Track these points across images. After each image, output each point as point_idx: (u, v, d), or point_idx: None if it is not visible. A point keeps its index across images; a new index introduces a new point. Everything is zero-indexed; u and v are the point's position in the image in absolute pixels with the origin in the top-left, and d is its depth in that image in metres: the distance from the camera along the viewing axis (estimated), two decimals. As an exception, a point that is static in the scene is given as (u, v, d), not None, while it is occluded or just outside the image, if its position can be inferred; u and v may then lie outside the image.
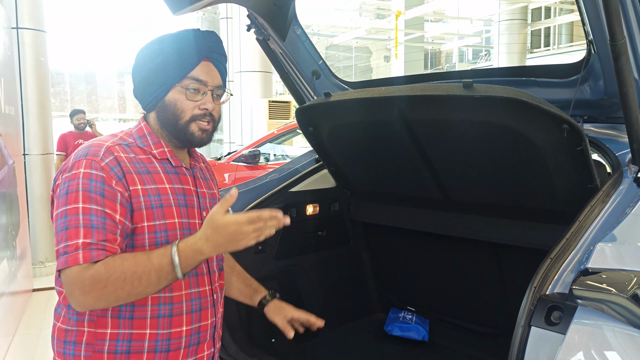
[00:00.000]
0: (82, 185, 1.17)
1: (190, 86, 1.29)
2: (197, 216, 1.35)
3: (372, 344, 2.57)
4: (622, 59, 1.35)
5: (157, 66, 1.28)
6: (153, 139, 1.33)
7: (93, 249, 1.14)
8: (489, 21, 18.75)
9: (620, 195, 1.51)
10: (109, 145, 1.25)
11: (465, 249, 2.42)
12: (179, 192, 1.32)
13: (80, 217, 1.15)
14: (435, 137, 1.97)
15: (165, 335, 1.27)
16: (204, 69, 1.31)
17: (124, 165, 1.24)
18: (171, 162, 1.34)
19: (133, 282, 1.14)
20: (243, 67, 10.14)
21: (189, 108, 1.29)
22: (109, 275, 1.13)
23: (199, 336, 1.35)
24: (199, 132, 1.31)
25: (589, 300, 1.18)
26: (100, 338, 1.24)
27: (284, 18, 2.27)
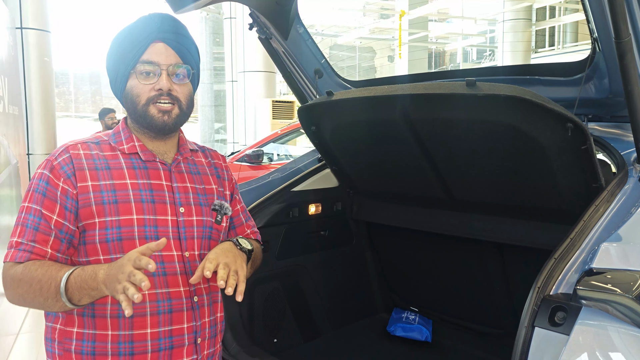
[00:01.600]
0: (33, 185, 1.24)
1: (142, 69, 1.27)
2: (171, 212, 1.29)
3: (375, 344, 2.56)
4: (628, 56, 1.34)
5: (113, 59, 1.30)
6: (125, 134, 1.34)
7: (20, 250, 1.19)
8: (493, 21, 18.70)
9: (625, 195, 1.50)
10: (70, 144, 1.29)
11: (468, 248, 2.41)
12: (144, 188, 1.27)
13: (22, 216, 1.22)
14: (438, 135, 1.96)
15: (127, 337, 1.22)
16: (155, 50, 1.28)
17: (77, 163, 1.25)
18: (141, 157, 1.31)
19: (35, 291, 1.15)
20: (247, 67, 10.15)
21: (144, 91, 1.28)
22: (21, 278, 1.16)
23: (172, 340, 1.25)
24: (159, 114, 1.27)
25: (593, 301, 1.17)
26: (68, 337, 1.24)
27: (286, 17, 2.27)
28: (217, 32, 13.25)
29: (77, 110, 23.19)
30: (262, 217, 2.29)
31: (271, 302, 2.39)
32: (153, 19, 1.30)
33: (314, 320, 2.57)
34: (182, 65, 1.30)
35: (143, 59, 1.27)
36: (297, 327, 2.49)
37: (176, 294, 1.27)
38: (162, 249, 1.21)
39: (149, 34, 1.28)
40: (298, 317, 2.50)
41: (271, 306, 2.39)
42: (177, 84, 1.29)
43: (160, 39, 1.29)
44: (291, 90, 2.52)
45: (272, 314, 2.39)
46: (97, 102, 22.94)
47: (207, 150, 1.50)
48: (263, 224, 2.29)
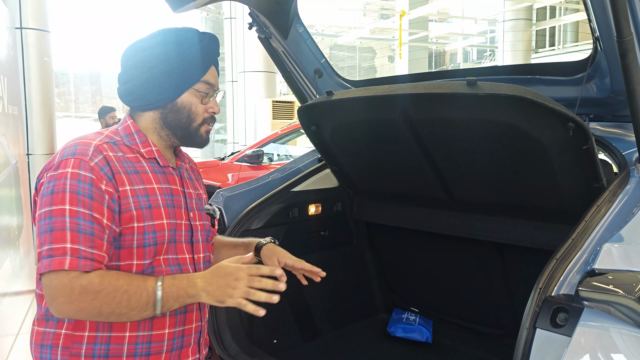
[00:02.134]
0: (69, 186, 1.13)
1: (203, 90, 1.30)
2: (185, 217, 1.32)
3: (375, 345, 2.55)
4: (629, 55, 1.33)
5: (174, 67, 1.27)
6: (140, 138, 1.30)
7: (81, 258, 1.10)
8: (494, 21, 18.69)
9: (627, 195, 1.49)
10: (97, 144, 1.21)
11: (469, 248, 2.40)
12: (167, 192, 1.29)
13: (67, 220, 1.11)
14: (438, 135, 1.95)
15: (145, 337, 1.23)
16: (213, 72, 1.33)
17: (113, 165, 1.20)
18: (159, 162, 1.31)
19: (119, 302, 1.12)
20: (247, 68, 10.15)
21: (201, 112, 1.31)
22: (101, 289, 1.10)
23: (183, 340, 1.30)
24: (206, 135, 1.35)
25: (595, 302, 1.16)
26: (77, 341, 1.19)
27: (285, 16, 2.26)
28: (217, 32, 13.24)
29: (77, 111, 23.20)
30: (262, 217, 2.28)
31: (271, 303, 2.38)
32: (214, 41, 1.34)
33: (314, 320, 2.56)
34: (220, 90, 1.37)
35: (205, 79, 1.30)
36: (297, 327, 2.49)
37: None
38: (178, 252, 1.28)
39: (213, 56, 1.32)
40: (298, 318, 2.49)
41: (271, 306, 2.38)
42: None
43: (214, 63, 1.34)
44: (291, 90, 2.52)
45: (272, 315, 2.38)
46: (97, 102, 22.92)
47: (186, 154, 1.50)
48: (263, 224, 2.28)
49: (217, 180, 6.76)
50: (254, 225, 2.25)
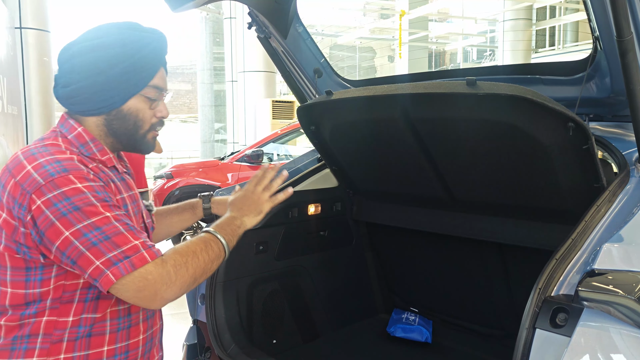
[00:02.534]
0: (94, 198, 1.10)
1: (152, 95, 1.24)
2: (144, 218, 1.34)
3: (375, 345, 2.55)
4: (629, 55, 1.32)
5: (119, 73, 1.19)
6: (97, 146, 1.23)
7: (151, 247, 1.12)
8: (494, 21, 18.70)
9: (627, 195, 1.49)
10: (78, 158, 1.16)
11: (469, 249, 2.40)
12: (131, 200, 1.28)
13: (116, 224, 1.09)
14: (438, 135, 1.94)
15: (123, 348, 1.22)
16: (162, 74, 1.26)
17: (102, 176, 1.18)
18: (117, 169, 1.28)
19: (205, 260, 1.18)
20: (247, 67, 10.15)
21: (148, 118, 1.25)
22: (185, 260, 1.14)
23: (151, 342, 1.32)
24: (153, 141, 1.30)
25: (595, 302, 1.16)
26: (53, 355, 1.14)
27: (285, 16, 2.25)
28: (217, 32, 13.25)
29: (77, 110, 23.14)
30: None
31: (270, 303, 2.38)
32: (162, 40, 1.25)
33: (314, 321, 2.56)
34: None
35: (154, 83, 1.24)
36: (297, 328, 2.48)
37: None
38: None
39: (162, 57, 1.25)
40: (297, 318, 2.49)
41: (270, 307, 2.38)
42: None
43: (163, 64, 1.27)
44: (290, 89, 2.51)
45: (271, 315, 2.38)
46: (97, 102, 22.79)
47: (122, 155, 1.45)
48: (262, 224, 2.26)
49: (217, 180, 6.77)
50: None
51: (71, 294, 1.15)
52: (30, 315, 1.14)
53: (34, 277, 1.14)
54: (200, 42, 13.60)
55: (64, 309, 1.15)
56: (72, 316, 1.15)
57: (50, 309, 1.14)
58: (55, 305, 1.15)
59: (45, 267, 1.13)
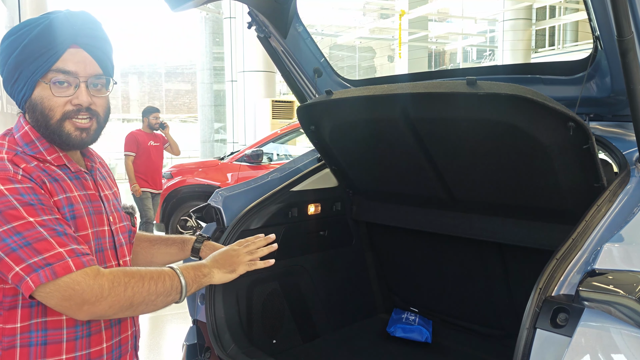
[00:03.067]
0: (16, 201, 1.03)
1: (56, 79, 1.12)
2: (105, 222, 1.25)
3: (375, 345, 2.55)
4: (630, 55, 1.32)
5: (16, 60, 1.11)
6: (43, 145, 1.16)
7: (80, 255, 1.05)
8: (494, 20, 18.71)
9: (627, 195, 1.48)
10: (10, 158, 1.10)
11: (469, 249, 2.39)
12: (85, 199, 1.19)
13: (40, 229, 1.03)
14: (438, 135, 1.94)
15: (84, 356, 1.16)
16: (72, 57, 1.12)
17: (36, 177, 1.10)
18: (69, 168, 1.20)
19: (150, 288, 1.11)
20: (246, 67, 10.15)
21: (58, 105, 1.13)
22: (129, 279, 1.08)
23: (120, 350, 1.25)
24: (76, 132, 1.15)
25: (595, 302, 1.16)
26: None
27: (285, 15, 2.25)
28: (217, 32, 13.24)
29: (76, 110, 23.11)
30: (261, 217, 2.28)
31: (270, 303, 2.37)
32: (72, 19, 1.13)
33: (313, 321, 2.55)
34: (102, 76, 1.18)
35: (58, 66, 1.11)
36: (296, 328, 2.48)
37: None
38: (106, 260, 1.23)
39: (67, 38, 1.12)
40: (297, 318, 2.49)
41: (270, 307, 2.38)
42: (97, 96, 1.17)
43: (79, 45, 1.13)
44: (290, 89, 2.51)
45: (271, 315, 2.38)
46: (96, 102, 22.76)
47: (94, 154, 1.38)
48: (262, 224, 2.27)
49: (217, 179, 6.76)
50: (253, 225, 2.25)
51: (12, 299, 1.10)
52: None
53: None
54: (199, 42, 13.59)
55: (8, 315, 1.10)
56: (20, 322, 1.10)
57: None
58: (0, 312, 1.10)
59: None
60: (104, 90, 1.20)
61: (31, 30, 1.11)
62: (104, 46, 1.19)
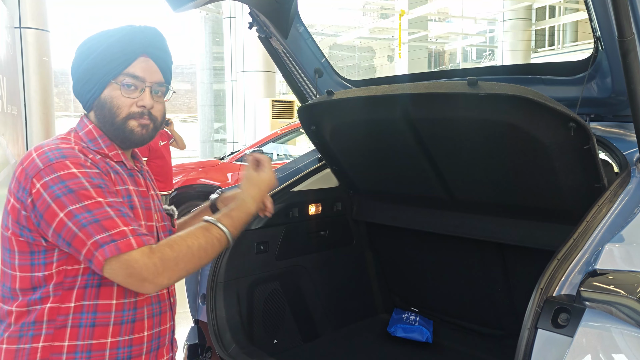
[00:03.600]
0: (88, 183, 1.14)
1: (125, 82, 1.26)
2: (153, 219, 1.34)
3: (375, 345, 2.55)
4: (631, 55, 1.32)
5: (92, 63, 1.25)
6: (105, 142, 1.29)
7: (141, 235, 1.14)
8: (493, 20, 18.71)
9: (628, 195, 1.49)
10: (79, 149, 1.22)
11: (470, 249, 2.40)
12: (138, 194, 1.30)
13: (107, 209, 1.13)
14: (439, 135, 1.94)
15: (127, 342, 1.24)
16: (141, 64, 1.27)
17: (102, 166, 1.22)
18: (125, 165, 1.31)
19: (201, 257, 1.20)
20: (246, 67, 10.15)
21: (125, 105, 1.27)
22: (176, 254, 1.16)
23: (159, 341, 1.33)
24: (139, 128, 1.29)
25: (597, 302, 1.16)
26: (56, 352, 1.18)
27: (285, 16, 2.25)
28: (217, 32, 13.24)
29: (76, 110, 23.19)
30: (261, 217, 2.28)
31: (271, 303, 2.38)
32: (142, 32, 1.28)
33: (314, 320, 2.56)
34: (164, 84, 1.32)
35: (128, 71, 1.26)
36: (297, 327, 2.48)
37: (162, 296, 1.35)
38: None
39: (138, 47, 1.27)
40: (298, 318, 2.49)
41: (271, 307, 2.38)
42: (157, 101, 1.31)
43: (148, 54, 1.28)
44: (291, 89, 2.51)
45: (271, 315, 2.38)
46: (96, 101, 22.79)
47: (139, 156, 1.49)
48: (262, 224, 2.28)
49: (217, 179, 6.76)
50: (253, 225, 2.25)
51: (72, 280, 1.19)
52: (36, 301, 1.18)
53: (38, 261, 1.18)
54: (199, 42, 13.59)
55: (65, 295, 1.19)
56: (74, 302, 1.19)
57: (53, 295, 1.18)
58: (58, 292, 1.18)
59: (48, 250, 1.17)
60: (163, 97, 1.34)
61: (109, 37, 1.26)
62: (167, 59, 1.34)
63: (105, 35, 1.27)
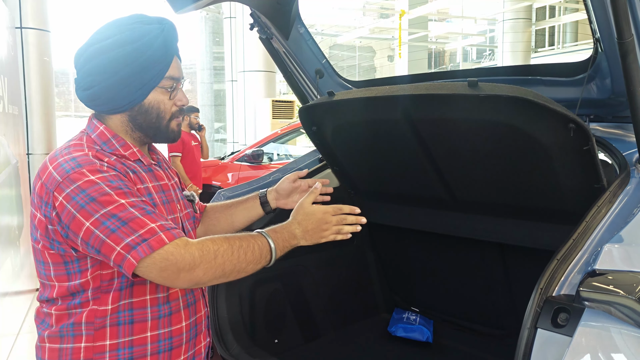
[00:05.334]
0: (108, 187, 1.14)
1: (169, 85, 1.28)
2: (179, 209, 1.36)
3: (376, 344, 2.56)
4: (630, 57, 1.33)
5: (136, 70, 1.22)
6: (119, 142, 1.28)
7: (170, 229, 1.14)
8: (493, 20, 18.72)
9: (627, 196, 1.50)
10: (93, 153, 1.20)
11: (470, 249, 2.41)
12: (159, 190, 1.32)
13: (132, 210, 1.12)
14: (440, 136, 1.95)
15: (166, 334, 1.27)
16: (176, 64, 1.29)
17: (120, 167, 1.22)
18: (143, 162, 1.32)
19: (240, 256, 1.18)
20: (247, 67, 10.15)
21: (169, 108, 1.30)
22: (217, 247, 1.15)
23: (197, 328, 1.35)
24: (177, 128, 1.34)
25: (596, 302, 1.17)
26: (99, 351, 1.20)
27: (287, 17, 2.26)
28: (217, 32, 13.24)
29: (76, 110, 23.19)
30: (262, 217, 2.29)
31: (272, 303, 2.39)
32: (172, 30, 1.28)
33: (315, 320, 2.57)
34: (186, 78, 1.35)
35: (170, 74, 1.27)
36: (298, 327, 2.49)
37: None
38: None
39: (174, 47, 1.28)
40: (299, 318, 2.50)
41: (272, 307, 2.39)
42: None
43: (176, 52, 1.30)
44: (292, 90, 2.52)
45: (273, 315, 2.39)
46: (96, 101, 22.79)
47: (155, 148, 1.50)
48: (264, 224, 2.28)
49: (217, 179, 6.77)
50: (254, 226, 2.26)
51: (109, 283, 1.21)
52: (76, 305, 1.21)
53: (73, 270, 1.20)
54: (200, 42, 13.58)
55: (104, 297, 1.21)
56: (111, 304, 1.21)
57: (93, 299, 1.20)
58: (97, 295, 1.21)
59: (80, 259, 1.19)
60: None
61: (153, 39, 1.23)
62: None
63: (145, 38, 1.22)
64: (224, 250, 1.16)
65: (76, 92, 1.29)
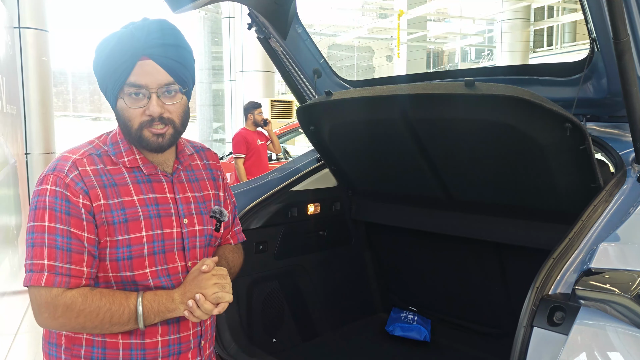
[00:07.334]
0: (48, 203, 1.16)
1: (130, 91, 1.18)
2: (176, 224, 1.27)
3: (374, 344, 2.56)
4: (626, 56, 1.34)
5: (100, 75, 1.21)
6: (125, 146, 1.26)
7: (57, 274, 1.13)
8: (492, 20, 18.73)
9: (623, 195, 1.50)
10: (76, 159, 1.20)
11: (467, 248, 2.41)
12: (151, 203, 1.24)
13: (45, 236, 1.14)
14: (437, 135, 1.96)
15: (139, 345, 1.24)
16: (141, 70, 1.17)
17: (88, 181, 1.18)
18: (143, 170, 1.26)
19: (102, 319, 1.16)
20: (245, 67, 10.15)
21: (135, 115, 1.19)
22: (84, 308, 1.14)
23: (180, 347, 1.29)
24: (154, 138, 1.20)
25: (591, 301, 1.17)
26: (76, 343, 1.23)
27: (284, 16, 2.26)
28: (216, 32, 13.24)
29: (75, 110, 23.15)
30: (260, 217, 2.29)
31: (270, 302, 2.39)
32: (137, 32, 1.17)
33: (313, 320, 2.57)
34: (172, 84, 1.20)
35: (130, 81, 1.17)
36: (296, 327, 2.50)
37: None
38: (168, 262, 1.26)
39: (135, 52, 1.16)
40: (297, 317, 2.50)
41: (270, 306, 2.39)
42: (169, 104, 1.20)
43: (148, 55, 1.17)
44: (290, 90, 2.52)
45: (270, 314, 2.39)
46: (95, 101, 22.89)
47: (202, 151, 1.44)
48: (262, 224, 2.29)
49: (216, 179, 6.76)
50: (252, 225, 2.26)
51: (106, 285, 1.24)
52: None
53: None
54: (198, 42, 13.58)
55: None
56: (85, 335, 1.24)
57: None
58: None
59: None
60: (179, 95, 1.23)
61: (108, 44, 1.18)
62: (175, 53, 1.21)
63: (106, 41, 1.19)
64: (89, 312, 1.14)
65: None
